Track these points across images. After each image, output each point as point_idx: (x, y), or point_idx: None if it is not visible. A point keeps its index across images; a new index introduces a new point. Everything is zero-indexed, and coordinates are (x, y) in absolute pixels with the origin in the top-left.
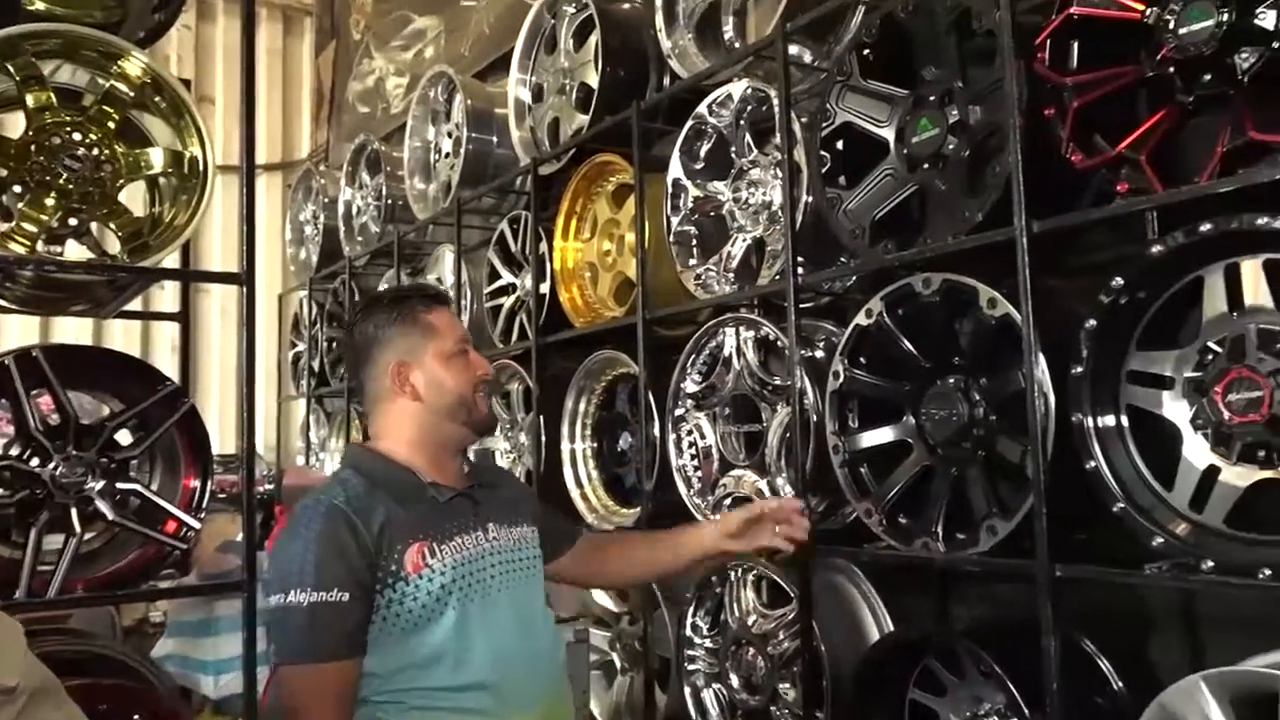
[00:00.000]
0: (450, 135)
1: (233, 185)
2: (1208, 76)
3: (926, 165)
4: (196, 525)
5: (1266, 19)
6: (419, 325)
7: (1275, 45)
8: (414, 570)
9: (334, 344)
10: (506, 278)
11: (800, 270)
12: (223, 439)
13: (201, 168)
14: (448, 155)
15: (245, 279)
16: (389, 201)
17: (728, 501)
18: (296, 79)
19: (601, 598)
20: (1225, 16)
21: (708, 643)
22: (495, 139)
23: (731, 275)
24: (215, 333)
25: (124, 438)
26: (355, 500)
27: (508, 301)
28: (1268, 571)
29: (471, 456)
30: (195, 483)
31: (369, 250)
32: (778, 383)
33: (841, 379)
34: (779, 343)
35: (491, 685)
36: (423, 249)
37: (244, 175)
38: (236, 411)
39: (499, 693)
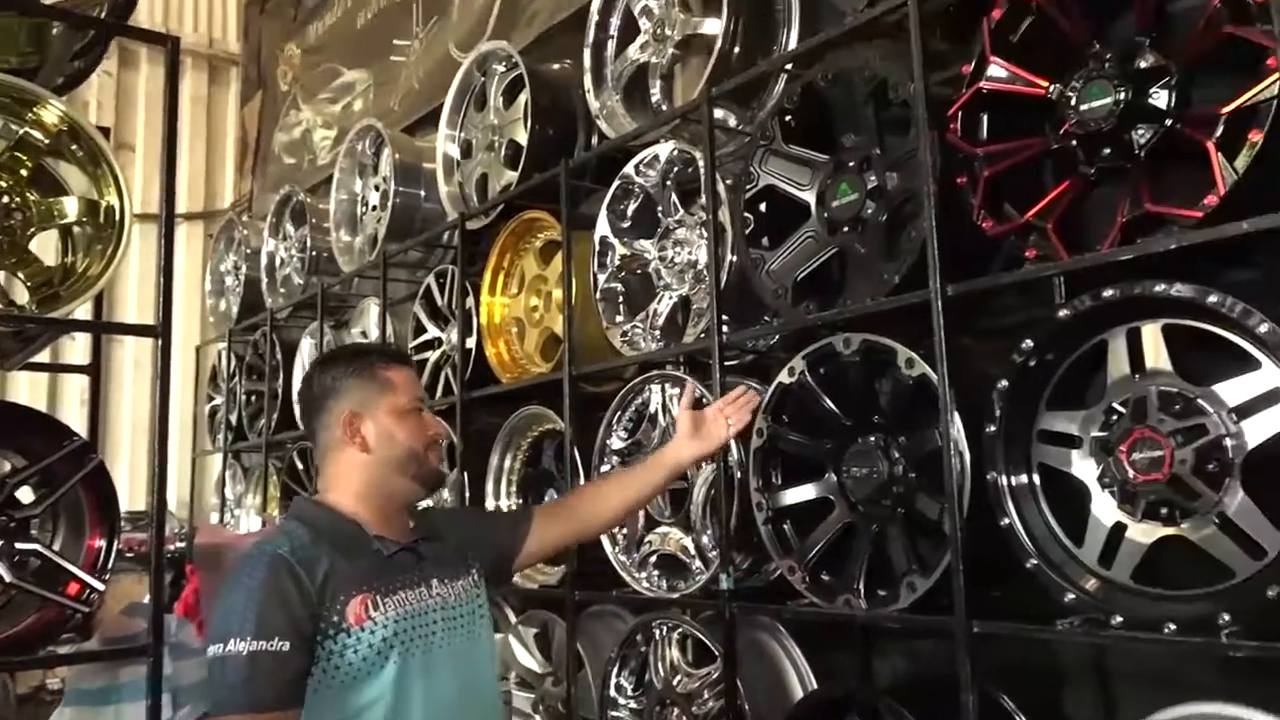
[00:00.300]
0: (377, 189)
1: (151, 234)
2: (1107, 150)
3: (846, 228)
4: (100, 587)
5: (1159, 98)
6: (376, 380)
7: (1168, 123)
8: (356, 622)
9: (253, 397)
10: (432, 332)
11: (725, 328)
12: (133, 495)
13: (118, 217)
14: (374, 208)
15: (161, 331)
16: (313, 253)
17: (653, 559)
18: (221, 128)
19: (524, 656)
20: (1122, 95)
21: (632, 703)
22: (423, 193)
23: (658, 332)
24: (128, 385)
25: (25, 495)
26: (299, 550)
27: (433, 356)
28: (1173, 626)
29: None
30: (101, 542)
31: (292, 302)
32: None
33: (765, 436)
34: (705, 400)
35: None
36: (347, 301)
37: (163, 224)
38: (148, 467)
39: None
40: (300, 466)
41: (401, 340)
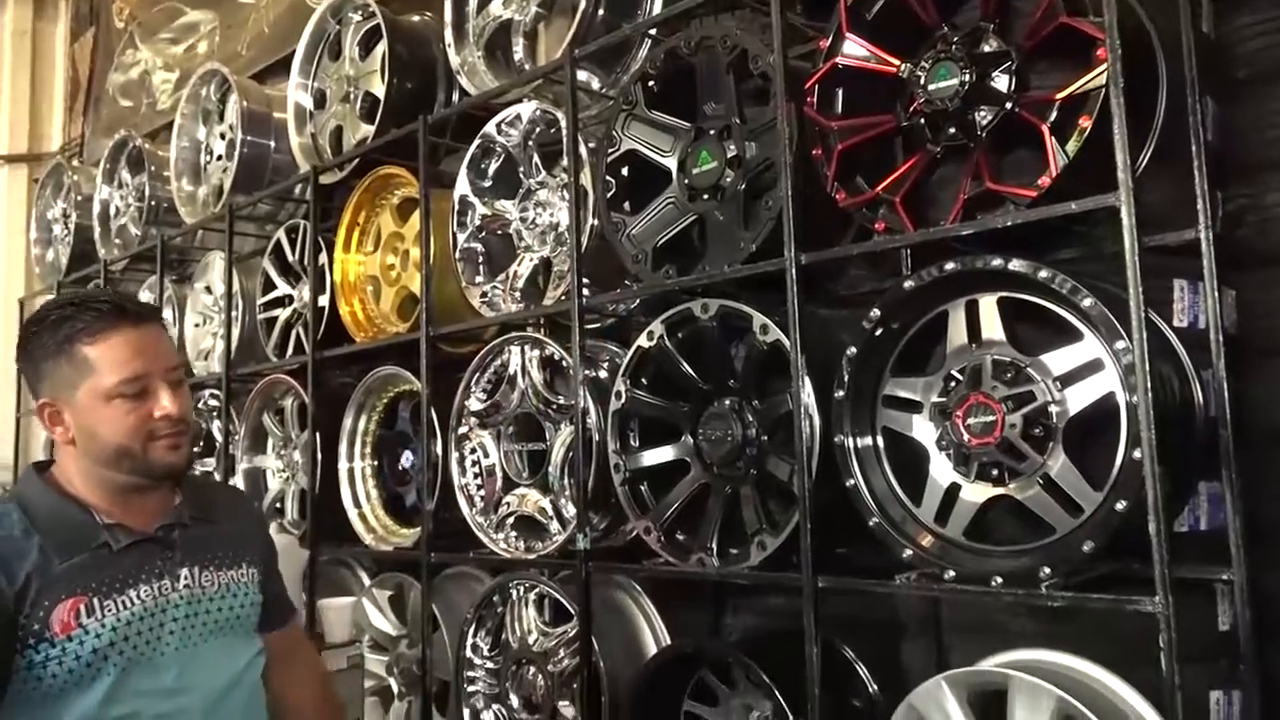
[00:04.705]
0: (223, 137)
1: None
2: (952, 129)
3: (706, 196)
4: None
5: (1000, 82)
6: (72, 360)
7: (1008, 105)
8: (62, 631)
9: None
10: (283, 288)
11: (585, 292)
12: None
13: None
14: (220, 158)
15: None
16: (153, 203)
17: (510, 520)
18: (48, 66)
19: (379, 619)
20: (967, 76)
21: (488, 663)
22: (273, 144)
23: (518, 294)
24: None
25: None
26: (4, 543)
27: (284, 314)
28: (999, 580)
29: (240, 477)
30: None
31: (128, 254)
32: (562, 402)
33: (624, 399)
34: (564, 362)
35: None
36: (190, 255)
37: None
38: None
39: None
40: None
41: (250, 297)
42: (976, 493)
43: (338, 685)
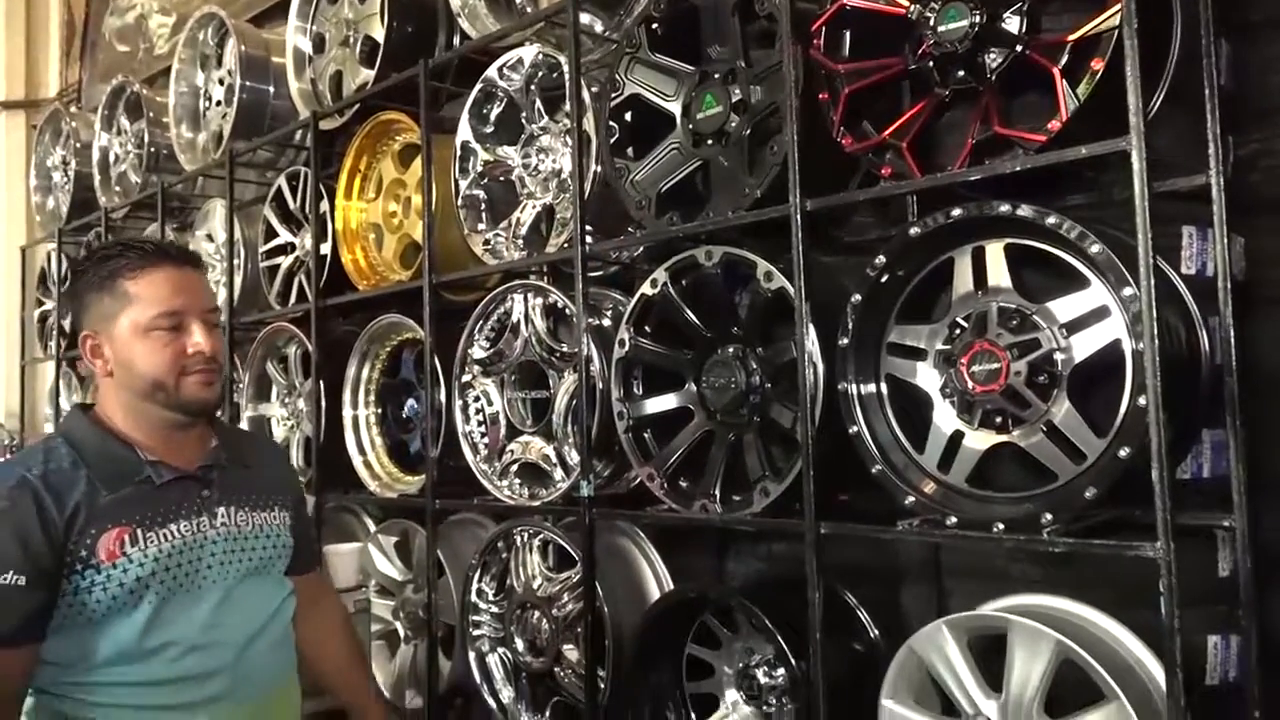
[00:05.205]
0: (222, 82)
1: None
2: (961, 72)
3: (710, 141)
4: None
5: (1011, 24)
6: (114, 293)
7: (1018, 48)
8: (108, 559)
9: None
10: (284, 236)
11: (589, 239)
12: None
13: None
14: (219, 104)
15: None
16: (152, 150)
17: (514, 468)
18: (43, 10)
19: (384, 565)
20: (977, 18)
21: (493, 608)
22: (272, 89)
23: (520, 242)
24: None
25: None
26: (54, 474)
27: (285, 261)
28: (1001, 526)
29: (245, 425)
30: None
31: (129, 201)
32: (565, 350)
33: (627, 347)
34: (567, 310)
35: (182, 684)
36: (191, 202)
37: None
38: None
39: (190, 691)
40: None
41: (251, 245)
42: (979, 440)
43: None
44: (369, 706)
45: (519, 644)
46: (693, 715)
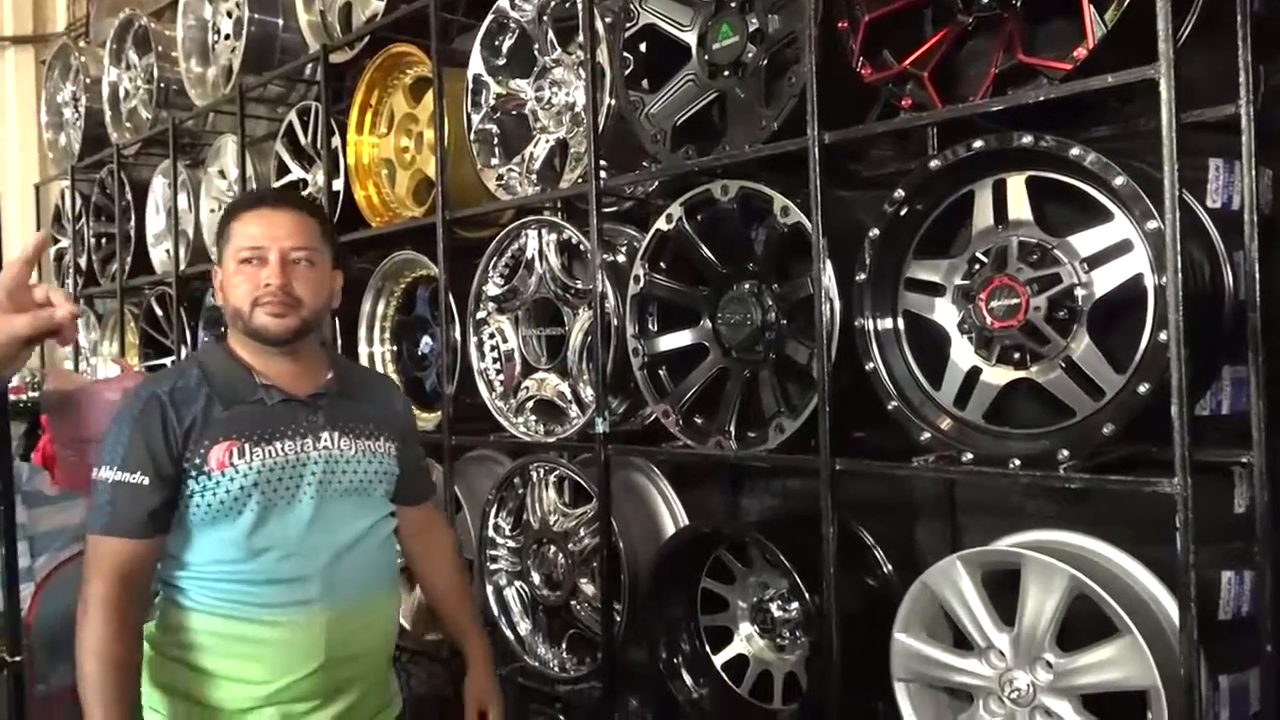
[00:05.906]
0: (230, 15)
1: None
2: None
3: (727, 72)
4: None
5: None
6: (224, 233)
7: None
8: (218, 467)
9: (103, 240)
10: (296, 173)
11: (603, 174)
12: None
13: None
14: (228, 37)
15: None
16: (162, 85)
17: (530, 404)
18: None
19: None
20: None
21: (510, 542)
22: (281, 21)
23: (534, 177)
24: None
25: None
26: (180, 392)
27: None
28: (1017, 462)
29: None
30: None
31: (140, 138)
32: (580, 286)
33: (642, 283)
34: (581, 246)
35: (278, 585)
36: (202, 139)
37: None
38: None
39: (284, 593)
40: (160, 313)
41: (264, 181)
42: (997, 376)
43: None
44: (471, 634)
45: (536, 578)
46: (707, 648)
